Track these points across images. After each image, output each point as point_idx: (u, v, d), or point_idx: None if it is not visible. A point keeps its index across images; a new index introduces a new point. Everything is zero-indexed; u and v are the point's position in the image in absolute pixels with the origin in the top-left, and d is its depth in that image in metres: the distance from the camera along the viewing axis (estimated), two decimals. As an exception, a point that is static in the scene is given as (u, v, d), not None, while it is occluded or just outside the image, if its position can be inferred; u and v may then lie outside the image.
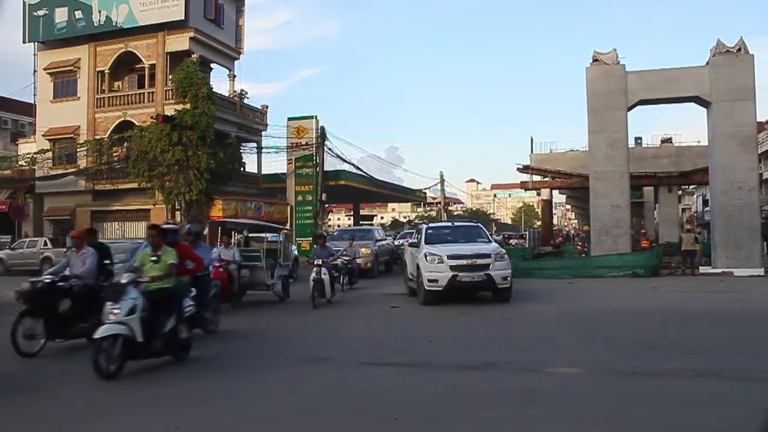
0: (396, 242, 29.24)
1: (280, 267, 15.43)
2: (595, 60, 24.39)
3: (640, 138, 44.79)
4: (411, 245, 16.79)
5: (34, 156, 33.71)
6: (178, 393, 6.65)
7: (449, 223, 18.51)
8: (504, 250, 14.84)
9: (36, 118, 35.23)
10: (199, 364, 8.12)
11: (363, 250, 21.57)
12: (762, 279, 20.21)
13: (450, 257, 13.48)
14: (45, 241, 28.19)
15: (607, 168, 23.78)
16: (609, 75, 23.90)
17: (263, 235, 17.64)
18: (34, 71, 35.16)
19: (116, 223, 32.41)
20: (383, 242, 25.37)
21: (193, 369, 7.83)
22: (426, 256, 13.81)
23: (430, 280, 13.55)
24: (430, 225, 16.76)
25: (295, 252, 23.12)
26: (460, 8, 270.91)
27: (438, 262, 13.53)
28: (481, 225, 16.78)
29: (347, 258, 18.18)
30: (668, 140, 44.85)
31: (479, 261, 13.47)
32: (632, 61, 29.40)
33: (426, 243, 14.62)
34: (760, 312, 12.27)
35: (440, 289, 13.44)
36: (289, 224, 34.25)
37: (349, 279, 18.04)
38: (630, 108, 23.95)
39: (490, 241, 15.36)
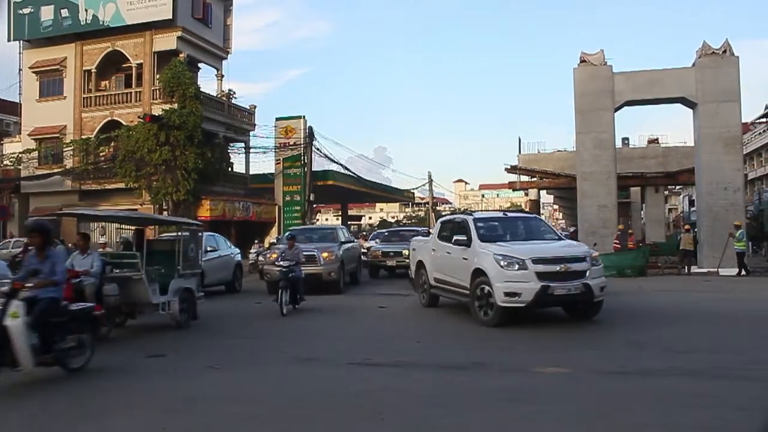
0: (367, 244, 25.48)
1: (180, 278, 11.34)
2: (582, 61, 24.52)
3: (627, 139, 45.27)
4: (444, 238, 12.81)
5: (20, 156, 33.44)
6: (164, 394, 6.62)
7: (500, 214, 14.05)
8: (596, 252, 12.07)
9: (21, 117, 34.94)
10: (185, 365, 8.09)
11: (325, 255, 16.95)
12: (746, 279, 20.38)
13: (536, 261, 10.12)
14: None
15: (594, 168, 23.92)
16: (596, 76, 24.04)
17: (171, 235, 14.12)
18: (20, 70, 34.90)
19: (103, 222, 32.13)
20: (350, 245, 19.92)
21: (178, 370, 7.80)
22: (499, 260, 10.31)
23: (508, 293, 10.09)
24: (477, 216, 12.50)
25: (237, 257, 19.35)
26: (447, 9, 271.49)
27: (519, 269, 10.10)
28: (540, 217, 13.93)
29: (285, 266, 13.13)
30: (655, 141, 45.24)
31: (574, 266, 10.29)
32: (619, 62, 29.63)
33: (482, 240, 11.24)
34: (744, 312, 12.37)
35: (523, 304, 10.15)
36: (277, 224, 34.22)
37: (292, 296, 12.96)
38: (617, 109, 24.10)
39: (561, 238, 12.54)
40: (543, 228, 12.74)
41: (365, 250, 23.38)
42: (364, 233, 38.05)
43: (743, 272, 20.73)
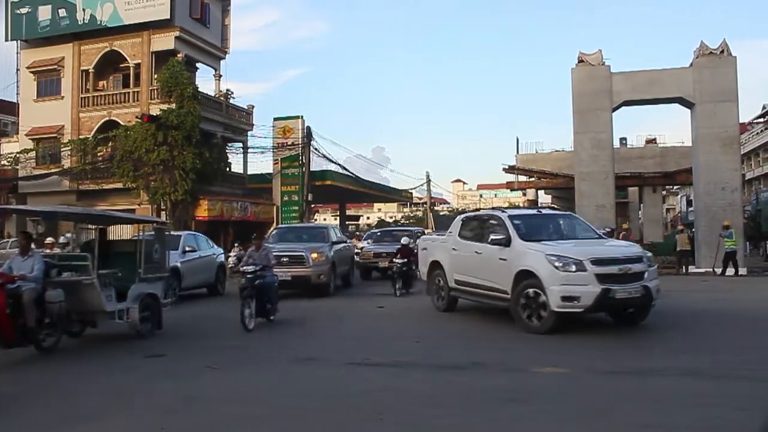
0: (361, 244, 24.43)
1: (142, 282, 10.26)
2: (580, 61, 24.53)
3: (625, 139, 45.31)
4: (469, 236, 12.09)
5: (17, 156, 33.36)
6: (163, 394, 6.61)
7: (534, 211, 12.96)
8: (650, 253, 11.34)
9: (19, 117, 34.85)
10: (183, 365, 8.08)
11: (314, 256, 15.85)
12: (744, 278, 20.41)
13: (595, 263, 9.43)
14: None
15: (592, 168, 23.93)
16: (594, 76, 24.05)
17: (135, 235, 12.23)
18: (17, 70, 34.80)
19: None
20: (342, 245, 18.63)
21: (177, 370, 7.79)
22: (553, 261, 9.59)
23: (566, 298, 9.38)
24: (511, 213, 11.66)
25: (220, 257, 18.38)
26: (446, 9, 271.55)
27: (576, 270, 9.41)
28: (575, 214, 13.40)
29: (251, 270, 11.04)
30: (653, 141, 45.28)
31: (634, 268, 9.72)
32: (617, 62, 29.66)
33: (522, 239, 10.47)
34: (743, 311, 12.39)
35: (581, 309, 9.48)
36: (275, 224, 34.19)
37: (260, 306, 11.05)
38: (615, 109, 24.12)
39: (601, 237, 11.82)
40: (582, 226, 12.02)
41: (359, 251, 22.58)
42: (358, 233, 37.68)
43: (731, 271, 20.72)
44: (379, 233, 25.64)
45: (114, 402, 6.32)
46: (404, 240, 18.07)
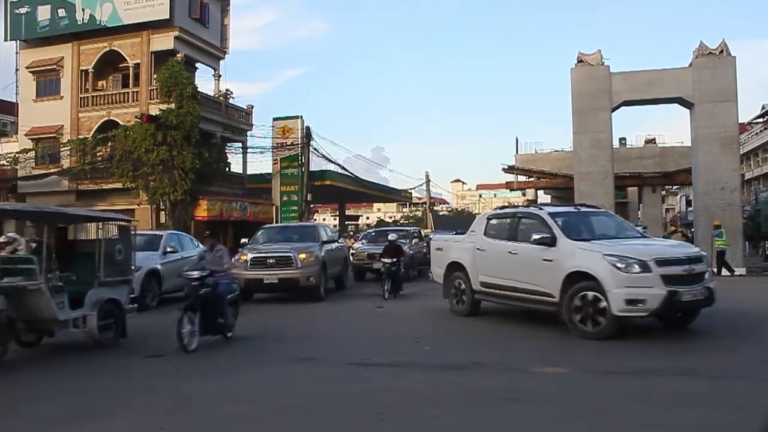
0: (357, 245, 23.20)
1: (102, 287, 9.30)
2: (579, 61, 24.52)
3: (625, 139, 45.33)
4: (498, 236, 11.32)
5: (17, 155, 33.33)
6: (163, 394, 6.61)
7: (572, 208, 11.93)
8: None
9: (18, 117, 34.82)
10: (183, 365, 8.07)
11: (302, 257, 14.76)
12: (743, 279, 20.40)
13: (659, 263, 8.87)
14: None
15: (591, 168, 23.93)
16: (593, 76, 24.04)
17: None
18: (16, 70, 34.77)
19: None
20: (333, 246, 17.49)
21: (177, 371, 7.78)
22: (614, 262, 8.92)
23: (630, 301, 8.73)
24: (552, 211, 10.98)
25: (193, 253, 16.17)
26: (445, 9, 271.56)
27: (641, 272, 8.77)
28: (612, 212, 12.80)
29: (196, 276, 9.09)
30: (652, 141, 45.31)
31: (696, 268, 9.21)
32: (617, 62, 29.68)
33: (569, 238, 9.84)
34: (740, 311, 12.38)
35: (645, 313, 8.94)
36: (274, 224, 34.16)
37: (208, 321, 9.05)
38: (614, 109, 24.11)
39: (645, 236, 11.49)
40: (623, 224, 11.47)
41: (354, 251, 21.86)
42: (351, 233, 37.41)
43: (724, 271, 20.67)
44: (373, 233, 24.78)
45: (114, 402, 6.32)
46: (391, 236, 17.28)
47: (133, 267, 10.42)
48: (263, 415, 5.74)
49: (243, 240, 17.49)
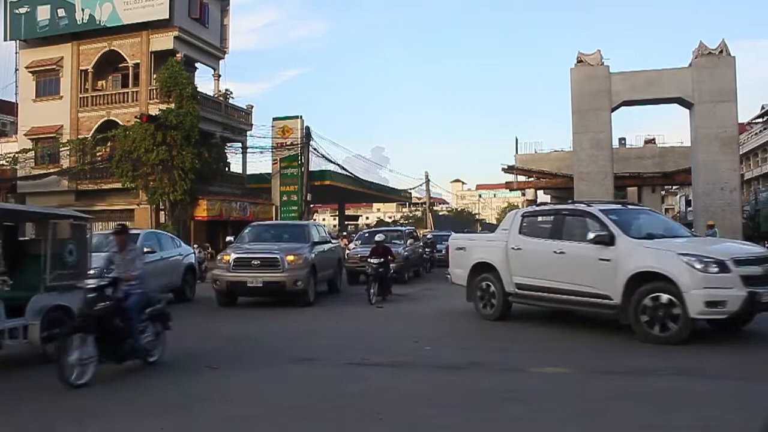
0: (351, 246, 22.39)
1: (49, 293, 8.29)
2: (579, 61, 24.56)
3: (624, 139, 45.44)
4: (537, 233, 10.69)
5: (16, 155, 33.36)
6: (162, 394, 6.60)
7: (620, 206, 11.31)
8: None
9: (18, 117, 34.86)
10: (182, 365, 8.06)
11: (290, 258, 13.71)
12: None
13: (738, 263, 8.39)
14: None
15: (591, 168, 23.96)
16: (593, 76, 24.08)
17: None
18: (16, 70, 34.83)
19: (100, 223, 32.12)
20: (326, 247, 16.22)
21: (176, 370, 7.77)
22: (692, 262, 8.41)
23: (710, 303, 8.25)
24: (604, 208, 10.24)
25: (189, 258, 16.41)
26: (445, 9, 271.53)
27: (719, 272, 8.28)
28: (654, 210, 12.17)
29: (94, 286, 7.08)
30: (652, 141, 45.38)
31: None
32: (616, 62, 29.66)
33: (631, 237, 9.35)
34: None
35: (724, 316, 8.47)
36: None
37: (110, 341, 7.06)
38: (614, 109, 24.17)
39: (695, 235, 11.07)
40: (672, 223, 10.90)
41: (348, 253, 20.73)
42: (344, 233, 37.21)
43: None
44: (367, 234, 23.64)
45: (113, 402, 6.31)
46: (378, 237, 16.49)
47: (91, 270, 8.66)
48: (262, 415, 5.73)
49: (229, 238, 16.56)
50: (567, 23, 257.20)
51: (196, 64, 35.38)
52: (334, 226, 63.79)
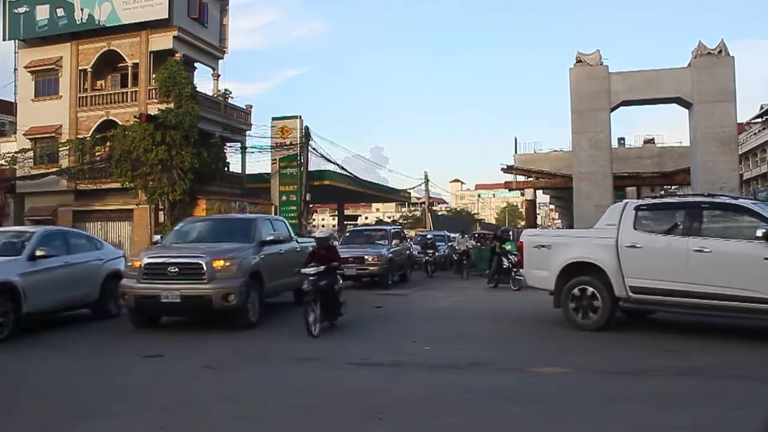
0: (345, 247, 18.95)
1: None
2: (578, 61, 24.58)
3: (623, 139, 45.48)
4: (668, 230, 9.41)
5: (15, 155, 33.31)
6: (162, 394, 6.59)
7: (685, 199, 10.47)
8: None
9: (17, 116, 34.81)
10: (182, 365, 8.06)
11: (218, 264, 10.36)
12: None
13: None
14: None
15: (590, 168, 23.99)
16: (592, 76, 24.11)
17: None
18: (15, 69, 34.75)
19: (99, 223, 32.10)
20: (281, 248, 12.32)
21: (176, 370, 7.77)
22: None
23: None
24: (681, 201, 9.73)
25: (113, 263, 12.56)
26: (444, 9, 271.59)
27: None
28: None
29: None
30: (651, 141, 45.40)
31: None
32: (616, 63, 29.66)
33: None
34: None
35: None
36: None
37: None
38: (613, 109, 24.19)
39: None
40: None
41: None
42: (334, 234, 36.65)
43: None
44: (348, 234, 22.37)
45: (113, 402, 6.30)
46: (319, 234, 11.56)
47: None
48: (261, 415, 5.73)
49: (156, 237, 13.66)
50: (566, 23, 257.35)
51: (196, 64, 35.32)
52: (334, 225, 63.77)
